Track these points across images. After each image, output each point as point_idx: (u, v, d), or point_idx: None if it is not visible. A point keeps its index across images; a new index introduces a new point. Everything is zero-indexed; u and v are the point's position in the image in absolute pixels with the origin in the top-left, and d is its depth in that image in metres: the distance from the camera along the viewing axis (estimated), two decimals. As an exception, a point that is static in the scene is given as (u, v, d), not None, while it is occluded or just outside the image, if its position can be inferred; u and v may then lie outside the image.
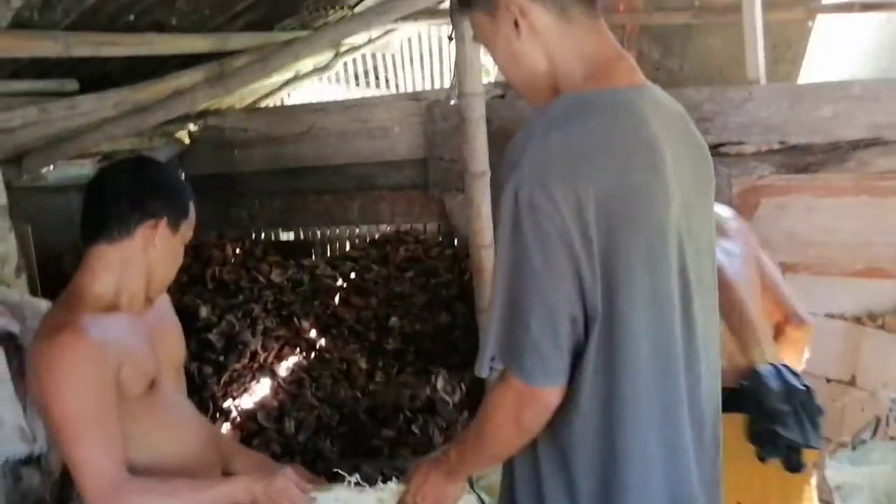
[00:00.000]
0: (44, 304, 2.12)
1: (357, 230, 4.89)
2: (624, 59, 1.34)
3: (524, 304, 1.21)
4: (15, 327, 2.01)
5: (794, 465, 1.85)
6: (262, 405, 3.49)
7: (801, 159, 3.35)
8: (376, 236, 4.58)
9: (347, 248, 4.80)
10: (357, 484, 1.67)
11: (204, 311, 3.67)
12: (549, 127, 1.24)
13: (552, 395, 1.24)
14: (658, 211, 1.24)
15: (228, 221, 5.12)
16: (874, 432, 1.49)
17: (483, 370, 1.29)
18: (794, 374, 1.99)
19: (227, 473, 1.83)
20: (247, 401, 3.51)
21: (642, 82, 1.34)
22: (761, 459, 1.87)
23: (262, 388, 3.58)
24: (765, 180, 3.34)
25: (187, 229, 1.71)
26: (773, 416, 1.84)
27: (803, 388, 1.93)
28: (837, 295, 3.28)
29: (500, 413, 1.30)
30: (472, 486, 1.68)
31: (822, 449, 1.85)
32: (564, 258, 1.19)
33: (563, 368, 1.23)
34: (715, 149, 3.51)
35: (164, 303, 1.83)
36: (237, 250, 4.26)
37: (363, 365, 3.79)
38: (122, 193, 1.61)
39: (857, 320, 3.23)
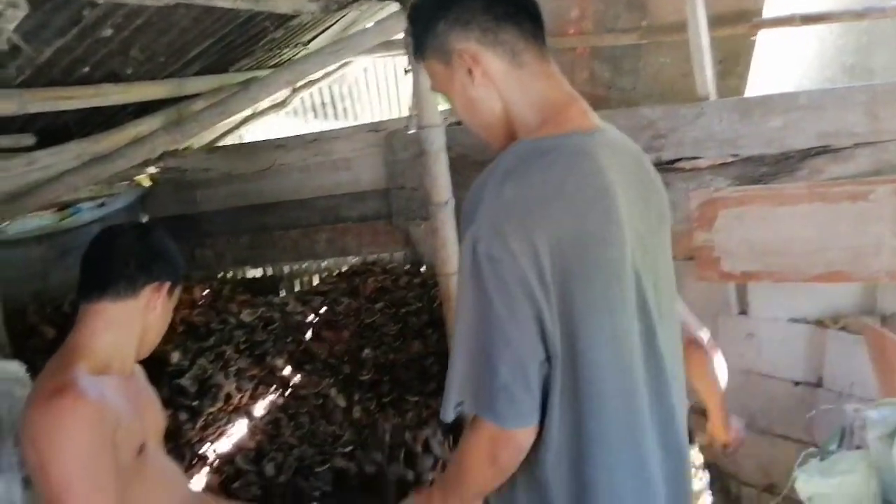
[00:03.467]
0: (13, 367, 2.10)
1: (325, 263, 4.90)
2: (576, 103, 1.39)
3: (492, 351, 1.25)
4: (-15, 392, 1.99)
5: None
6: (239, 448, 3.46)
7: (755, 170, 3.44)
8: (344, 269, 4.60)
9: (316, 282, 4.81)
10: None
11: (175, 357, 3.64)
12: (503, 177, 1.28)
13: (525, 434, 1.28)
14: (612, 253, 1.28)
15: (195, 262, 5.09)
16: (840, 443, 1.54)
17: (448, 415, 1.32)
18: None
19: None
20: (224, 444, 3.47)
21: (595, 126, 1.39)
22: None
23: (238, 431, 3.55)
24: (721, 192, 3.41)
25: (178, 295, 1.79)
26: None
27: None
28: (799, 300, 3.36)
29: (476, 455, 1.33)
30: None
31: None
32: (526, 304, 1.23)
33: (535, 408, 1.27)
34: (671, 164, 3.60)
35: (140, 374, 1.87)
36: (205, 291, 4.23)
37: (340, 400, 3.79)
38: (131, 255, 1.66)
39: (820, 323, 3.31)
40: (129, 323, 1.66)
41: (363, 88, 6.50)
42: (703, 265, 3.46)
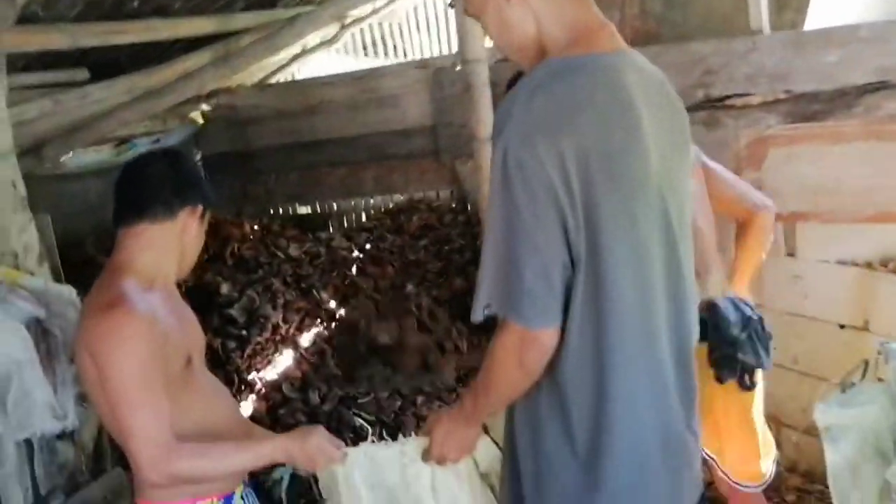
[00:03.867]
0: (66, 291, 2.21)
1: (372, 201, 4.95)
2: (606, 27, 1.41)
3: (518, 256, 1.30)
4: (41, 313, 2.10)
5: (747, 385, 2.09)
6: (286, 376, 3.59)
7: (808, 107, 3.33)
8: (390, 206, 4.64)
9: (363, 219, 4.87)
10: (381, 439, 1.78)
11: (225, 288, 3.76)
12: (532, 91, 1.33)
13: (549, 335, 1.33)
14: (636, 166, 1.33)
15: (246, 198, 5.21)
16: (863, 374, 1.53)
17: (477, 316, 1.37)
18: (748, 304, 2.19)
19: None
20: (271, 373, 3.60)
21: (623, 48, 1.42)
22: (720, 381, 2.08)
23: (285, 360, 3.67)
24: (772, 131, 3.32)
25: (208, 218, 1.84)
26: (732, 344, 2.04)
27: (756, 317, 2.13)
28: (848, 241, 3.27)
29: (505, 358, 1.38)
30: (486, 431, 1.77)
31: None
32: (552, 209, 1.27)
33: (558, 310, 1.32)
34: (721, 101, 3.50)
35: (177, 295, 1.91)
36: (255, 227, 4.33)
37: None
38: (167, 180, 1.73)
39: (869, 266, 3.23)
40: (167, 244, 1.72)
41: (412, 26, 6.44)
42: (750, 205, 3.39)
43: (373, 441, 1.79)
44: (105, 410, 1.67)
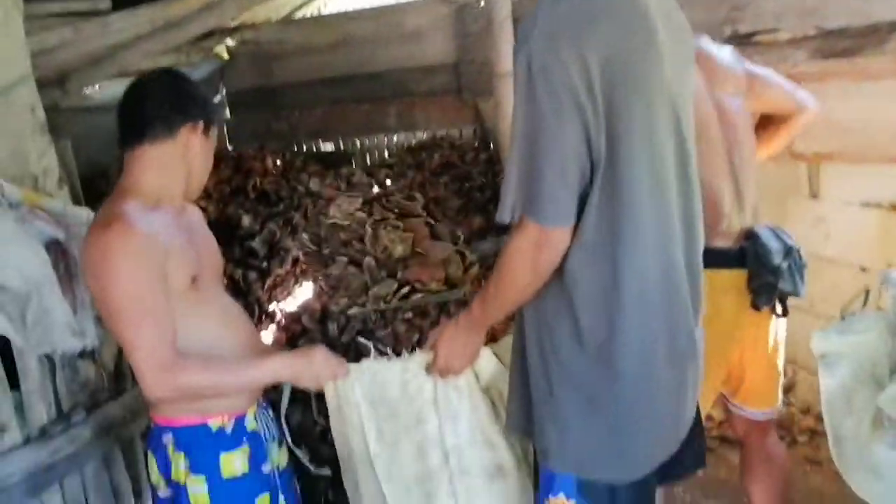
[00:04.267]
0: (85, 213, 2.25)
1: (396, 138, 4.95)
2: None
3: (539, 155, 1.36)
4: (60, 234, 2.15)
5: (783, 311, 2.17)
6: (305, 308, 3.64)
7: (838, 44, 3.23)
8: (413, 143, 4.63)
9: (386, 156, 4.87)
10: (384, 356, 1.85)
11: (246, 220, 3.81)
12: (555, 1, 1.38)
13: (563, 235, 1.40)
14: (654, 74, 1.40)
15: (270, 134, 5.24)
16: (864, 303, 1.52)
17: (505, 216, 1.43)
18: (786, 234, 2.22)
19: None
20: (291, 304, 3.66)
21: None
22: (756, 308, 2.11)
23: (304, 292, 3.73)
24: (800, 67, 3.24)
25: (214, 135, 1.85)
26: (773, 272, 2.06)
27: (796, 246, 2.18)
28: (874, 183, 3.21)
29: (518, 259, 1.44)
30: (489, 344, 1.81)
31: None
32: (574, 112, 1.33)
33: (573, 211, 1.39)
34: (748, 37, 3.42)
35: (197, 215, 1.95)
36: (277, 162, 4.36)
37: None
38: (164, 98, 1.73)
39: (894, 208, 3.17)
40: (172, 164, 1.74)
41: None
42: (774, 145, 3.33)
43: (375, 358, 1.83)
44: (111, 327, 1.70)
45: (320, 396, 1.95)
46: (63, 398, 2.32)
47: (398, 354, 1.86)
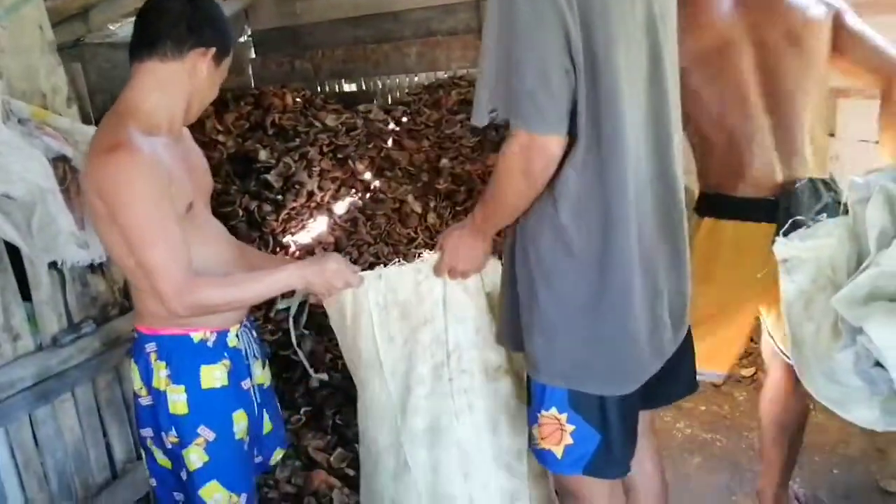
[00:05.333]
0: (92, 130, 2.32)
1: (416, 78, 4.95)
2: None
3: (519, 57, 1.34)
4: (68, 151, 2.22)
5: None
6: (319, 241, 3.72)
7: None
8: (431, 82, 4.63)
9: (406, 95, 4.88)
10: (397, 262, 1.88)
11: (263, 154, 3.87)
12: None
13: (553, 143, 1.38)
14: None
15: (294, 74, 5.27)
16: (835, 212, 1.51)
17: (482, 119, 1.44)
18: (830, 187, 2.06)
19: None
20: (305, 237, 3.74)
21: None
22: None
23: (318, 226, 3.80)
24: None
25: (226, 67, 1.84)
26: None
27: (833, 201, 1.99)
28: None
29: (510, 166, 1.43)
30: (500, 257, 1.85)
31: None
32: (551, 11, 1.31)
33: (560, 117, 1.37)
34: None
35: (189, 139, 1.95)
36: (297, 99, 4.40)
37: (416, 206, 3.96)
38: (180, 17, 1.71)
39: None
40: (175, 85, 1.73)
41: None
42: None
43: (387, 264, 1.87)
44: (115, 248, 1.73)
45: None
46: (73, 310, 2.43)
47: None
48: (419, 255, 1.86)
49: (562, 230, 1.47)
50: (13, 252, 2.25)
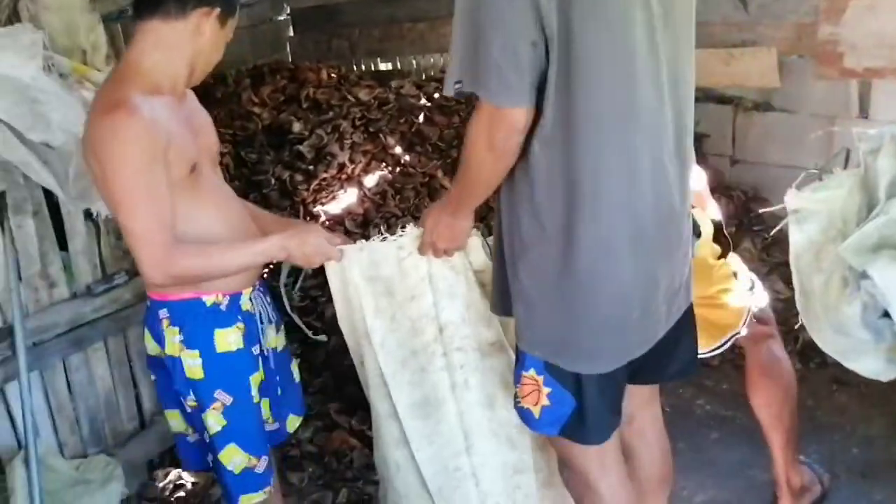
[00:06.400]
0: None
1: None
2: None
3: (485, 30, 1.32)
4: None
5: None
6: (348, 212, 3.78)
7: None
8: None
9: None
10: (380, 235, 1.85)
11: (297, 126, 3.95)
12: None
13: (518, 114, 1.36)
14: None
15: (330, 52, 5.33)
16: (845, 164, 1.50)
17: (448, 90, 1.43)
18: None
19: None
20: (335, 207, 3.80)
21: None
22: None
23: (348, 197, 3.85)
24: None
25: (231, 28, 1.80)
26: None
27: None
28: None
29: (476, 140, 1.43)
30: (483, 237, 1.85)
31: None
32: None
33: (526, 90, 1.35)
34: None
35: (193, 100, 1.92)
36: (332, 74, 4.47)
37: (445, 181, 3.99)
38: None
39: (946, 128, 3.07)
40: (178, 45, 1.69)
41: None
42: (824, 61, 3.26)
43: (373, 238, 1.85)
44: (112, 211, 1.70)
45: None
46: (107, 261, 2.52)
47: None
48: (402, 228, 1.82)
49: (536, 206, 1.45)
50: (51, 205, 2.34)
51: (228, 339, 1.80)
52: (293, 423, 2.10)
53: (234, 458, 1.84)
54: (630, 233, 1.46)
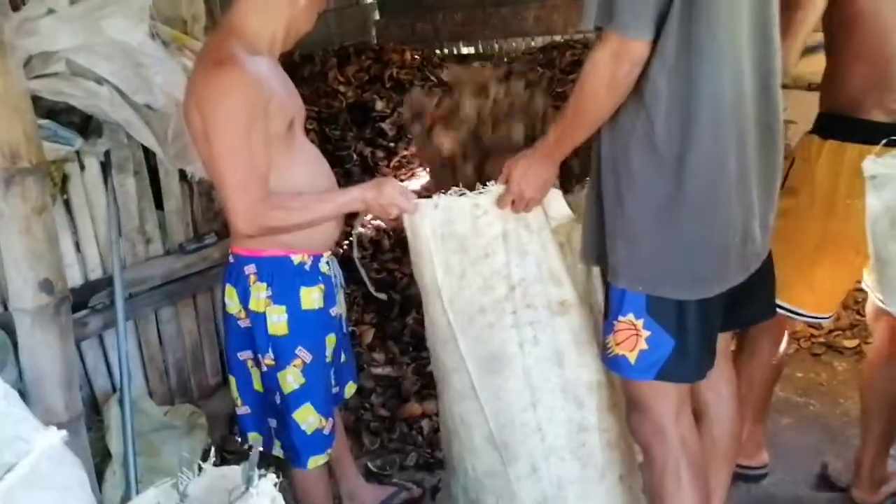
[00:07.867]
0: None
1: (533, 42, 5.01)
2: None
3: None
4: (202, 73, 2.43)
5: None
6: (426, 188, 3.85)
7: None
8: (546, 43, 4.69)
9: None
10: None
11: (379, 105, 4.05)
12: None
13: (642, 47, 1.41)
14: None
15: (415, 36, 5.43)
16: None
17: (589, 23, 1.44)
18: None
19: None
20: (413, 184, 3.88)
21: None
22: None
23: (426, 174, 3.93)
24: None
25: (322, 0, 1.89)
26: None
27: None
28: None
29: (597, 71, 1.45)
30: (563, 192, 1.86)
31: None
32: None
33: (652, 20, 1.40)
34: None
35: (280, 68, 1.94)
36: (415, 56, 4.55)
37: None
38: None
39: None
40: (278, 9, 1.77)
41: None
42: None
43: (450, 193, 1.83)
44: (208, 163, 1.75)
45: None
46: (199, 221, 2.66)
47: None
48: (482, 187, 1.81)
49: (654, 137, 1.49)
50: (150, 167, 2.49)
51: (312, 297, 1.86)
52: (350, 389, 2.16)
53: (308, 417, 1.89)
54: (737, 155, 1.51)
